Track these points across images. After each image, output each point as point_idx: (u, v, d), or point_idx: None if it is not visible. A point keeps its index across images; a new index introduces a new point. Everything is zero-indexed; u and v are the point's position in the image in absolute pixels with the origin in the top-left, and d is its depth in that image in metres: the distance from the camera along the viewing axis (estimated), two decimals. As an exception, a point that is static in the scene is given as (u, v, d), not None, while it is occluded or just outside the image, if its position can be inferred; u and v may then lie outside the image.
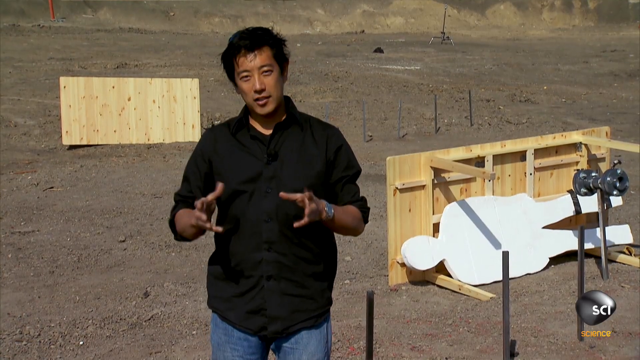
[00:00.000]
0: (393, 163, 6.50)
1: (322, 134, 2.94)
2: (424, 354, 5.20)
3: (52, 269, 6.98)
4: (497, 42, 28.33)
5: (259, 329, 2.94)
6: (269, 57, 2.84)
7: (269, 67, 2.84)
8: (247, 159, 2.89)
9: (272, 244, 2.87)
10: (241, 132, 2.93)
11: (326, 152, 2.91)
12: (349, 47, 25.11)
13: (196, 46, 23.70)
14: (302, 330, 2.95)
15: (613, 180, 6.70)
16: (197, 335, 5.57)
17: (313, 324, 2.96)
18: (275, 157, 2.88)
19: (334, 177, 2.94)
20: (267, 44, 2.83)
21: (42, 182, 10.18)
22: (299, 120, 2.93)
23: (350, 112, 15.37)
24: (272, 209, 2.86)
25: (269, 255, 2.88)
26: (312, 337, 2.97)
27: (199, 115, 12.94)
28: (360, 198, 3.00)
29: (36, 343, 5.45)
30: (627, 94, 18.22)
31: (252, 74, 2.83)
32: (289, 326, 2.93)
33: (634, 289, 6.43)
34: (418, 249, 6.49)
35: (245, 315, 2.94)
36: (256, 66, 2.82)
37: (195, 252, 7.38)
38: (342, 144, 2.96)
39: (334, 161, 2.93)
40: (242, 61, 2.83)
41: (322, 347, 3.00)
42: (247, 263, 2.90)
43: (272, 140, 2.90)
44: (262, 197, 2.86)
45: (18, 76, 17.91)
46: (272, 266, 2.88)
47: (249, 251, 2.89)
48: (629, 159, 10.51)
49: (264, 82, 2.83)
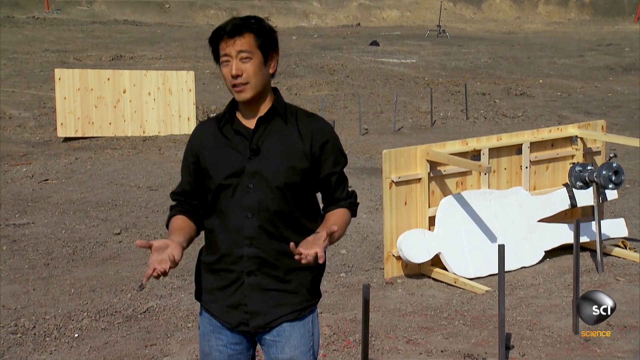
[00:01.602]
0: (389, 156, 6.50)
1: (309, 127, 2.89)
2: (419, 347, 5.21)
3: (47, 262, 6.97)
4: (492, 36, 28.31)
5: (237, 324, 2.93)
6: (249, 43, 2.80)
7: (249, 53, 2.80)
8: (231, 153, 2.88)
9: (253, 239, 2.86)
10: (227, 126, 2.92)
11: (311, 147, 2.88)
12: (344, 40, 25.06)
13: (192, 39, 23.63)
14: (284, 323, 2.93)
15: (608, 173, 6.71)
16: (193, 328, 5.57)
17: (296, 317, 2.94)
18: (257, 152, 2.86)
19: (322, 172, 2.92)
20: (250, 30, 2.80)
21: (37, 174, 10.15)
22: (282, 113, 2.90)
23: (346, 105, 15.35)
24: (253, 205, 2.85)
25: (250, 251, 2.86)
26: (295, 330, 2.94)
27: (194, 107, 12.91)
28: (350, 194, 2.99)
29: (31, 335, 5.44)
30: (622, 87, 18.23)
31: (231, 59, 2.81)
32: (270, 321, 2.92)
33: (629, 283, 6.44)
34: (414, 242, 6.49)
35: (226, 309, 2.94)
36: (235, 51, 2.80)
37: (190, 246, 7.36)
38: (328, 138, 2.91)
39: (320, 156, 2.90)
40: (222, 45, 2.81)
41: (306, 339, 2.97)
42: (229, 257, 2.90)
43: (255, 134, 2.87)
44: (244, 193, 2.85)
45: (13, 68, 17.85)
46: (253, 261, 2.87)
47: (231, 246, 2.88)
48: (624, 152, 10.53)
49: (241, 68, 2.81)
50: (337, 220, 2.90)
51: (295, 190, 2.87)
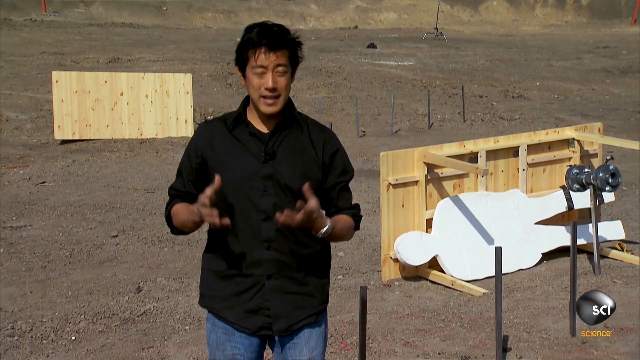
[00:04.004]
0: (386, 158, 6.50)
1: (319, 136, 2.94)
2: (416, 349, 5.21)
3: (44, 264, 6.96)
4: (490, 38, 28.34)
5: (258, 328, 2.93)
6: (286, 58, 2.83)
7: (285, 67, 2.83)
8: (244, 156, 2.88)
9: (272, 242, 2.87)
10: (239, 129, 2.91)
11: (322, 155, 2.92)
12: (342, 43, 25.08)
13: (189, 41, 23.63)
14: (305, 327, 2.97)
15: (605, 176, 6.72)
16: (190, 331, 5.56)
17: (315, 320, 2.98)
18: (273, 156, 2.87)
19: (329, 182, 2.94)
20: (287, 46, 2.82)
21: (34, 176, 10.15)
22: (299, 121, 2.93)
23: (344, 107, 15.36)
24: (270, 208, 2.85)
25: (269, 254, 2.87)
26: (313, 333, 2.99)
27: (191, 110, 12.91)
28: (354, 206, 3.01)
29: (28, 338, 5.43)
30: (619, 90, 18.26)
31: (267, 71, 2.81)
32: (292, 324, 2.94)
33: (626, 285, 6.45)
34: (411, 244, 6.50)
35: (244, 315, 2.92)
36: (273, 64, 2.80)
37: (188, 248, 7.37)
38: (338, 148, 2.96)
39: (330, 165, 2.93)
40: (260, 57, 2.80)
41: (321, 341, 3.03)
42: (245, 262, 2.89)
43: (272, 139, 2.88)
44: (260, 196, 2.86)
45: (10, 70, 17.84)
46: (272, 265, 2.88)
47: (248, 250, 2.88)
48: (621, 154, 10.54)
49: (277, 81, 2.82)
50: (340, 219, 2.91)
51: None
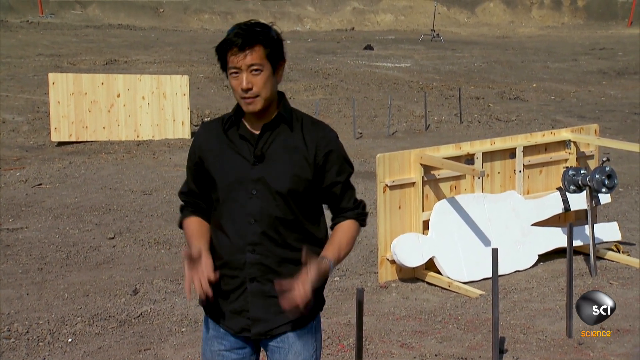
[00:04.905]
0: (383, 160, 6.51)
1: (313, 136, 2.88)
2: (413, 351, 5.21)
3: (41, 266, 6.95)
4: (486, 40, 28.38)
5: (241, 330, 2.93)
6: (260, 56, 2.78)
7: (259, 66, 2.78)
8: (235, 158, 2.87)
9: (256, 245, 2.85)
10: (232, 130, 2.90)
11: (315, 155, 2.86)
12: (339, 44, 25.10)
13: (186, 43, 23.64)
14: (289, 331, 2.92)
15: (602, 177, 6.72)
16: (187, 333, 5.56)
17: (303, 325, 2.93)
18: (261, 158, 2.85)
19: (325, 182, 2.90)
20: (260, 42, 2.77)
21: (31, 178, 10.14)
22: (288, 119, 2.89)
23: (340, 109, 15.37)
24: (256, 211, 2.84)
25: (253, 257, 2.86)
26: (300, 338, 2.94)
27: (188, 112, 12.91)
28: (357, 204, 2.96)
29: (24, 340, 5.43)
30: (615, 91, 18.30)
31: (241, 71, 2.79)
32: (272, 328, 2.91)
33: (622, 286, 6.46)
34: (408, 246, 6.50)
35: (229, 315, 2.93)
36: (245, 64, 2.77)
37: (184, 250, 7.36)
38: (332, 148, 2.89)
39: (324, 166, 2.88)
40: (232, 58, 2.78)
41: (309, 346, 2.96)
42: (232, 264, 2.88)
43: (260, 140, 2.86)
44: (247, 199, 2.84)
45: (6, 72, 17.82)
46: (256, 268, 2.86)
47: (234, 252, 2.87)
48: (617, 156, 10.56)
49: (252, 81, 2.78)
50: (342, 241, 2.88)
51: (299, 197, 2.86)
